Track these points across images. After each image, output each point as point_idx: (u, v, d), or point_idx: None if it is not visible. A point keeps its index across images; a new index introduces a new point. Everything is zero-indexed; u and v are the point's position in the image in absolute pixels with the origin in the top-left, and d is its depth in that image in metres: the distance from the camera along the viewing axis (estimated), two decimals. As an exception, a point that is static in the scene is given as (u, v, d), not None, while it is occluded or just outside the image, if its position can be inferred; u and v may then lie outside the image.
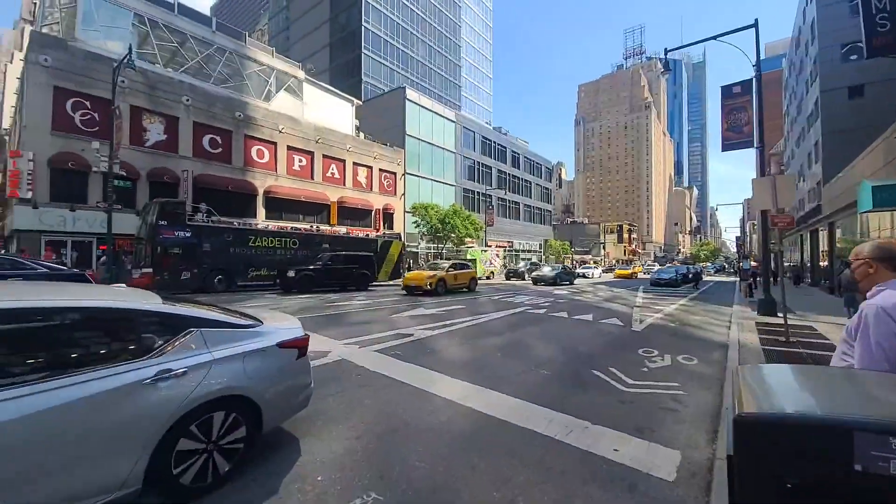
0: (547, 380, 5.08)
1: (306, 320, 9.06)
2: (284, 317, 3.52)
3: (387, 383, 4.72)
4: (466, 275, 18.83)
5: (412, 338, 7.45)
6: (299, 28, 64.35)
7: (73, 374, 2.08)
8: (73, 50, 19.89)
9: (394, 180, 36.17)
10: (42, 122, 18.63)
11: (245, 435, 2.65)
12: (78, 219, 18.85)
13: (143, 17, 24.70)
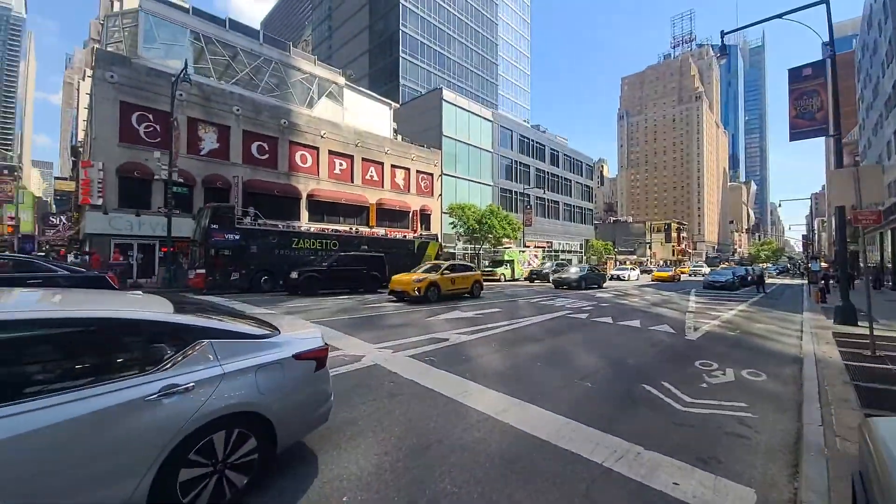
0: (591, 394, 4.70)
1: (343, 322, 9.15)
2: (304, 325, 3.36)
3: (419, 392, 4.54)
4: (467, 278, 16.17)
5: (447, 343, 7.26)
6: (340, 36, 66.44)
7: (73, 389, 1.96)
8: (136, 66, 21.58)
9: (431, 181, 36.32)
10: (110, 135, 20.35)
11: (257, 455, 2.47)
12: (142, 223, 20.40)
13: (199, 34, 26.39)
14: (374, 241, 22.56)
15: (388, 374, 5.20)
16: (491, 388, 4.71)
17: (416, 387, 4.73)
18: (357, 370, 5.39)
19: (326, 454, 3.09)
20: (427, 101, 41.34)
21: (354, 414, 3.88)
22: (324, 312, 10.88)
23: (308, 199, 27.48)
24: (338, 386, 4.69)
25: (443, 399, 4.33)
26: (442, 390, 4.58)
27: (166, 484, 2.10)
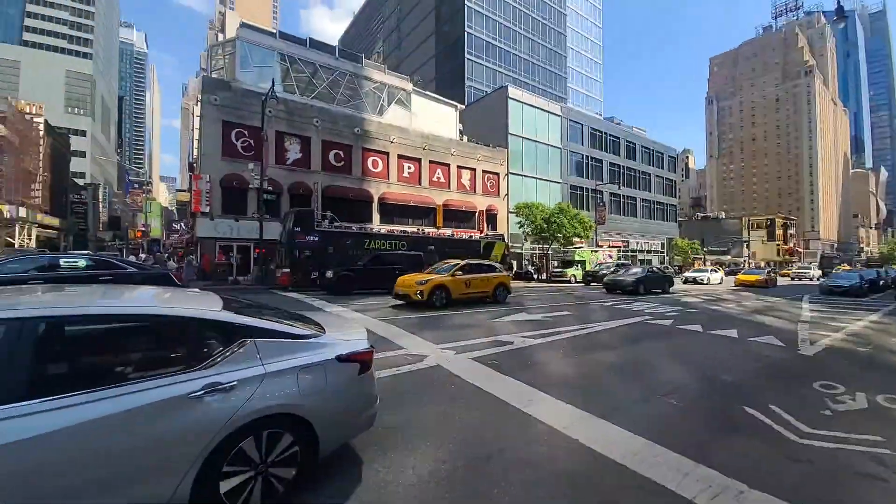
0: (677, 413, 4.14)
1: (406, 321, 9.31)
2: (352, 326, 3.30)
3: (482, 398, 4.38)
4: (487, 280, 13.46)
5: (512, 346, 6.99)
6: (408, 45, 68.73)
7: (120, 384, 2.00)
8: (234, 89, 24.37)
9: (497, 181, 35.91)
10: (214, 150, 23.22)
11: (299, 458, 2.42)
12: (240, 227, 22.94)
13: (284, 55, 29.04)
14: (440, 241, 22.85)
15: (450, 377, 5.11)
16: (558, 398, 4.38)
17: (478, 391, 4.57)
18: (419, 370, 5.38)
19: (384, 454, 3.07)
20: (492, 100, 40.97)
21: (414, 415, 3.84)
22: (392, 311, 11.20)
23: (379, 202, 28.74)
24: (399, 385, 4.72)
25: (506, 407, 4.12)
26: (505, 397, 4.36)
27: (208, 484, 2.09)
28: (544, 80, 64.98)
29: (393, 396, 4.34)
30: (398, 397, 4.33)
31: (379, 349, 6.37)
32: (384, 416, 3.74)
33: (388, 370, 5.29)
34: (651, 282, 19.33)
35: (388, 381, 4.90)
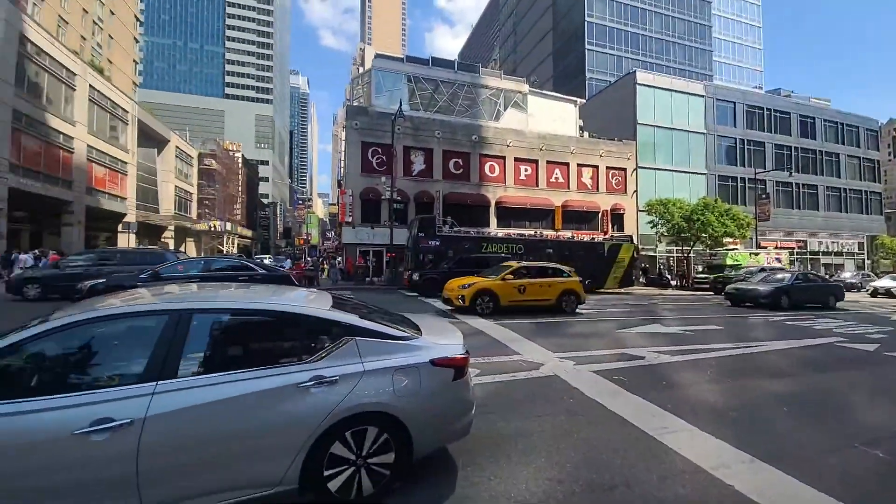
0: (888, 471, 3.06)
1: (523, 326, 9.06)
2: (448, 329, 3.23)
3: (605, 417, 3.94)
4: (549, 287, 11.47)
5: (642, 361, 6.18)
6: (525, 46, 68.00)
7: (247, 370, 2.25)
8: (370, 113, 27.61)
9: (623, 177, 32.71)
10: (355, 168, 26.63)
11: (394, 458, 2.47)
12: (375, 234, 25.80)
13: (410, 76, 31.74)
14: (558, 244, 21.81)
15: (569, 389, 4.76)
16: (703, 430, 3.67)
17: (600, 409, 4.14)
18: (534, 378, 5.15)
19: (495, 462, 2.98)
20: (618, 89, 37.52)
21: (528, 426, 3.65)
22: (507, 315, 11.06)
23: (496, 206, 28.96)
24: (512, 392, 4.59)
25: (634, 431, 3.63)
26: (633, 419, 3.85)
27: (313, 469, 2.26)
28: (682, 58, 56.91)
29: (505, 403, 4.24)
30: (510, 404, 4.20)
31: (491, 353, 6.36)
32: (496, 423, 3.68)
33: (500, 375, 5.20)
34: (802, 292, 14.67)
35: (501, 386, 4.81)
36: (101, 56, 41.31)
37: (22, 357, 2.12)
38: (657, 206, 28.30)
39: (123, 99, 34.98)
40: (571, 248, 21.37)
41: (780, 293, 14.11)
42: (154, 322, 2.28)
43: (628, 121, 34.41)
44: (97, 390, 2.05)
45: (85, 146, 28.56)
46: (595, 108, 39.00)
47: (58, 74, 26.26)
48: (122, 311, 2.37)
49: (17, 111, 22.35)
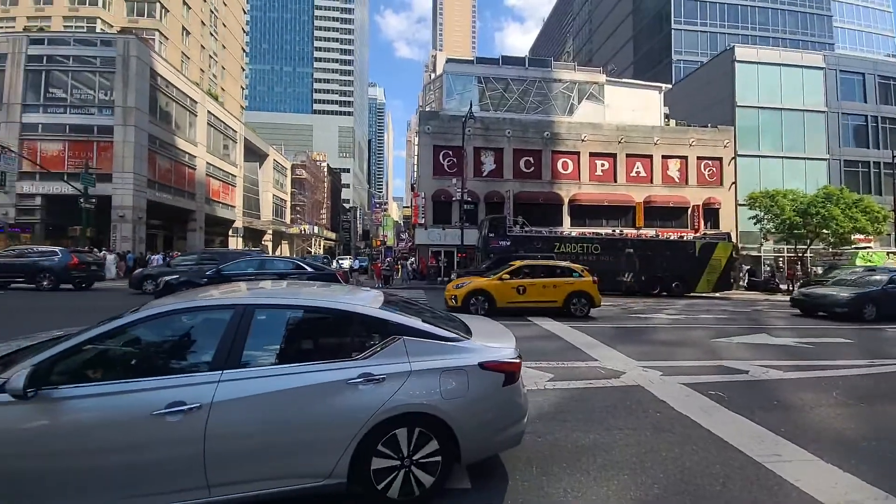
0: None
1: (597, 330, 8.53)
2: (501, 332, 3.10)
3: (699, 436, 3.55)
4: (553, 288, 10.55)
5: (745, 376, 5.45)
6: (601, 34, 64.22)
7: (300, 363, 2.35)
8: (441, 117, 28.27)
9: (718, 167, 29.22)
10: (427, 171, 27.44)
11: (440, 462, 2.42)
12: (447, 235, 26.33)
13: (480, 77, 31.83)
14: (640, 243, 20.17)
15: (655, 402, 4.37)
16: (827, 461, 3.12)
17: (693, 427, 3.74)
18: (614, 388, 4.82)
19: (571, 475, 2.83)
20: (712, 69, 33.66)
21: (608, 439, 3.43)
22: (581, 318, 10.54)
23: (570, 204, 27.76)
24: (589, 401, 4.35)
25: (737, 455, 3.21)
26: (736, 442, 3.40)
27: (361, 465, 2.28)
28: (794, 27, 49.19)
29: (582, 412, 4.03)
30: (588, 414, 3.99)
31: (566, 358, 6.10)
32: (573, 432, 3.52)
33: (576, 382, 4.96)
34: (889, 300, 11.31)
35: (577, 393, 4.59)
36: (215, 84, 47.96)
37: (111, 344, 2.36)
38: (762, 199, 24.76)
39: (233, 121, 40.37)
40: (655, 248, 19.65)
41: (864, 301, 11.20)
42: (221, 316, 2.45)
43: (725, 103, 30.68)
44: (173, 376, 2.24)
45: (204, 163, 33.47)
46: (683, 93, 35.42)
47: (183, 103, 31.07)
48: (194, 305, 2.62)
49: (152, 136, 26.89)
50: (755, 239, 27.81)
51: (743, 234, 27.82)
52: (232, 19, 53.86)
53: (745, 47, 32.67)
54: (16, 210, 24.04)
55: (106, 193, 23.35)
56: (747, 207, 26.49)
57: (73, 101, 25.18)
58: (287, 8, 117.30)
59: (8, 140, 22.83)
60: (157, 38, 37.82)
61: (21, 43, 24.69)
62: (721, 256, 19.55)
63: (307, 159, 63.46)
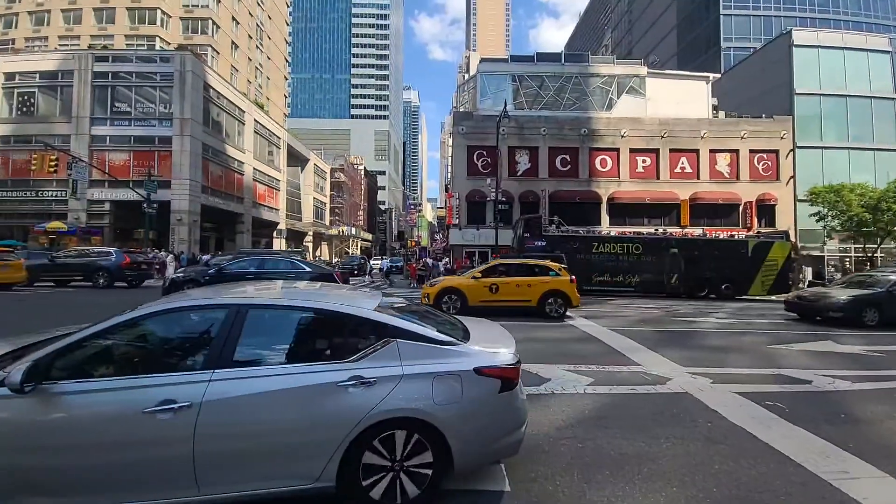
0: None
1: (639, 333, 8.18)
2: (501, 336, 3.00)
3: (757, 450, 3.32)
4: (526, 287, 10.29)
5: (808, 386, 5.05)
6: (642, 24, 61.63)
7: (291, 365, 2.33)
8: (475, 117, 28.26)
9: (774, 161, 27.21)
10: (462, 171, 27.52)
11: (431, 470, 2.34)
12: (481, 235, 26.28)
13: (514, 75, 31.48)
14: (686, 243, 19.15)
15: (705, 411, 4.14)
16: (909, 483, 2.83)
17: (749, 439, 3.50)
18: (659, 394, 4.62)
19: (615, 484, 2.74)
20: (766, 55, 31.43)
21: (654, 449, 3.29)
22: (625, 321, 10.16)
23: (608, 203, 26.86)
24: (634, 408, 4.20)
25: (799, 471, 2.98)
26: (798, 457, 3.16)
27: (350, 470, 2.24)
28: (856, 8, 44.96)
29: (625, 418, 3.89)
30: (631, 421, 3.84)
31: (606, 362, 5.92)
32: (616, 439, 3.41)
33: (618, 387, 4.80)
34: None
35: (619, 399, 4.44)
36: (261, 94, 50.63)
37: (108, 341, 2.39)
38: (826, 194, 22.81)
39: (277, 128, 42.43)
40: (702, 248, 18.57)
41: (863, 304, 9.93)
42: (215, 315, 2.45)
43: (781, 92, 28.55)
44: (166, 374, 2.25)
45: (252, 169, 35.42)
46: (734, 83, 33.28)
47: (232, 113, 33.03)
48: (188, 304, 2.67)
49: (205, 144, 28.78)
50: (817, 238, 25.62)
51: (803, 233, 25.71)
52: (276, 32, 56.59)
53: (803, 31, 30.21)
54: (87, 215, 26.55)
55: (165, 199, 25.27)
56: (808, 203, 24.51)
57: (137, 113, 27.46)
58: (326, 17, 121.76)
59: (79, 151, 25.27)
60: (209, 53, 40.50)
61: (87, 60, 27.19)
62: (778, 257, 18.17)
63: (345, 163, 65.47)
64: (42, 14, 42.15)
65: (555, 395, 4.48)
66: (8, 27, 42.50)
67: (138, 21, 41.45)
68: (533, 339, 7.58)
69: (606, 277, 18.51)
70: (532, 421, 3.72)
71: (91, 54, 28.00)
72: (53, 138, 25.32)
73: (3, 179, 26.97)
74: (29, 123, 27.13)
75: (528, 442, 3.27)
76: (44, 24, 42.17)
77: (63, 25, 41.97)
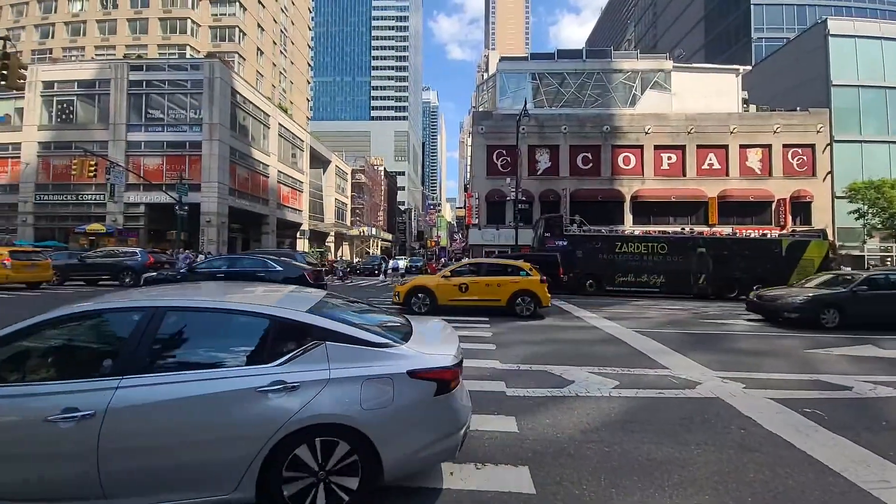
0: None
1: (670, 335, 7.97)
2: (444, 337, 2.89)
3: (793, 458, 3.20)
4: (496, 287, 10.32)
5: (849, 393, 4.81)
6: (667, 17, 59.91)
7: (208, 370, 2.21)
8: (495, 116, 28.16)
9: (809, 156, 26.01)
10: (481, 171, 27.48)
11: (360, 476, 2.23)
12: (500, 235, 26.18)
13: (534, 73, 31.18)
14: (715, 242, 18.52)
15: (738, 417, 4.01)
16: (963, 498, 2.67)
17: (785, 447, 3.38)
18: (689, 399, 4.50)
19: (643, 490, 2.68)
20: (800, 46, 30.05)
21: (684, 455, 3.21)
22: (650, 322, 9.92)
23: (632, 202, 26.28)
24: (662, 412, 4.11)
25: (838, 481, 2.85)
26: (836, 466, 3.03)
27: (270, 483, 2.14)
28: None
29: (652, 423, 3.81)
30: (659, 426, 3.76)
31: (632, 365, 5.81)
32: (643, 444, 3.35)
33: (644, 390, 4.70)
34: (871, 304, 9.37)
35: (646, 403, 4.35)
36: (285, 98, 51.91)
37: (22, 345, 2.31)
38: (866, 191, 21.67)
39: (300, 131, 43.41)
40: (732, 247, 17.92)
41: (821, 305, 9.32)
42: (131, 318, 2.35)
43: (816, 83, 27.26)
44: (72, 380, 2.14)
45: (276, 171, 36.38)
46: (765, 75, 31.96)
47: (257, 117, 34.00)
48: (104, 307, 2.54)
49: (233, 148, 29.72)
50: (857, 236, 24.29)
51: (841, 231, 24.45)
52: (299, 37, 57.87)
53: (839, 20, 28.70)
54: (123, 217, 27.86)
55: (196, 201, 26.26)
56: (847, 200, 23.31)
57: (169, 120, 28.64)
58: (347, 21, 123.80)
59: (116, 156, 26.53)
60: (236, 60, 41.79)
61: (123, 69, 28.54)
62: (814, 256, 17.35)
63: (365, 164, 66.35)
64: (78, 25, 44.45)
65: (579, 398, 4.43)
66: (45, 37, 44.98)
67: (170, 30, 43.19)
68: (554, 341, 7.51)
69: (630, 278, 18.10)
70: (556, 423, 3.72)
71: (126, 63, 29.37)
72: (92, 144, 26.70)
73: (45, 183, 28.60)
74: (68, 130, 28.67)
75: (553, 445, 3.28)
76: (80, 34, 44.46)
77: (99, 36, 44.16)
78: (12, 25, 44.15)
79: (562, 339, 7.70)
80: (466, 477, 2.76)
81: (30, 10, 44.79)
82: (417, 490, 2.59)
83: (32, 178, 28.34)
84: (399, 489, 2.54)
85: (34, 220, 28.40)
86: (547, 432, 3.54)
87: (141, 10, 43.45)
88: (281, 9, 52.31)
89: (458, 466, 2.87)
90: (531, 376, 5.20)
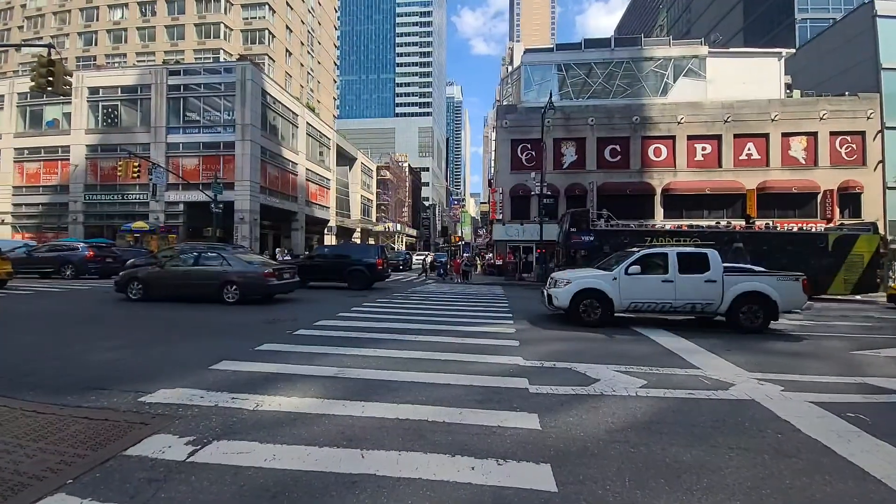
0: None
1: (702, 333, 7.66)
2: None
3: (834, 465, 3.04)
4: None
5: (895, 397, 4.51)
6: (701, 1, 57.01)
7: None
8: (519, 110, 27.75)
9: (859, 144, 24.25)
10: (505, 166, 27.20)
11: None
12: (525, 231, 25.93)
13: (560, 65, 30.45)
14: (753, 236, 17.65)
15: (774, 420, 3.84)
16: None
17: (825, 453, 3.21)
18: (721, 400, 4.34)
19: (671, 493, 2.62)
20: (847, 28, 27.98)
21: (715, 458, 3.10)
22: (679, 319, 9.58)
23: (663, 195, 25.36)
24: (691, 414, 3.98)
25: (881, 490, 2.68)
26: (881, 475, 2.85)
27: None
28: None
29: (681, 425, 3.70)
30: (688, 428, 3.65)
31: (661, 364, 5.65)
32: (671, 447, 3.27)
33: (673, 391, 4.57)
34: None
35: (675, 403, 4.23)
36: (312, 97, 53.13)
37: None
38: (926, 180, 19.92)
39: (327, 129, 44.29)
40: (772, 242, 17.02)
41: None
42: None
43: (865, 67, 25.40)
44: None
45: (304, 169, 37.35)
46: (810, 59, 29.97)
47: (287, 116, 34.94)
48: None
49: (263, 148, 30.68)
50: (915, 229, 22.49)
51: (894, 225, 22.70)
52: (325, 37, 58.92)
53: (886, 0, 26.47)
54: (164, 215, 29.37)
55: (230, 199, 27.35)
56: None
57: (205, 122, 29.87)
58: (372, 20, 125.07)
59: (157, 158, 27.95)
60: (266, 62, 43.07)
61: (162, 74, 29.96)
62: (864, 251, 16.25)
63: (390, 160, 67.00)
64: (119, 32, 46.89)
65: (604, 397, 4.36)
66: (88, 44, 47.72)
67: (204, 35, 44.94)
68: (579, 339, 7.39)
69: (660, 274, 17.49)
70: (579, 422, 3.68)
71: (165, 69, 30.81)
72: (135, 146, 28.21)
73: (93, 184, 30.49)
74: (113, 133, 30.40)
75: (576, 444, 3.25)
76: (121, 41, 46.92)
77: (139, 42, 46.49)
78: (56, 33, 47.09)
79: (587, 337, 7.57)
80: (488, 472, 2.78)
81: (72, 18, 47.64)
82: (429, 482, 2.63)
83: (82, 179, 30.27)
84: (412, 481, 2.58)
85: (84, 219, 30.37)
86: (570, 430, 3.51)
87: (178, 16, 45.40)
88: (308, 10, 53.38)
89: (479, 462, 2.90)
90: (555, 374, 5.15)
